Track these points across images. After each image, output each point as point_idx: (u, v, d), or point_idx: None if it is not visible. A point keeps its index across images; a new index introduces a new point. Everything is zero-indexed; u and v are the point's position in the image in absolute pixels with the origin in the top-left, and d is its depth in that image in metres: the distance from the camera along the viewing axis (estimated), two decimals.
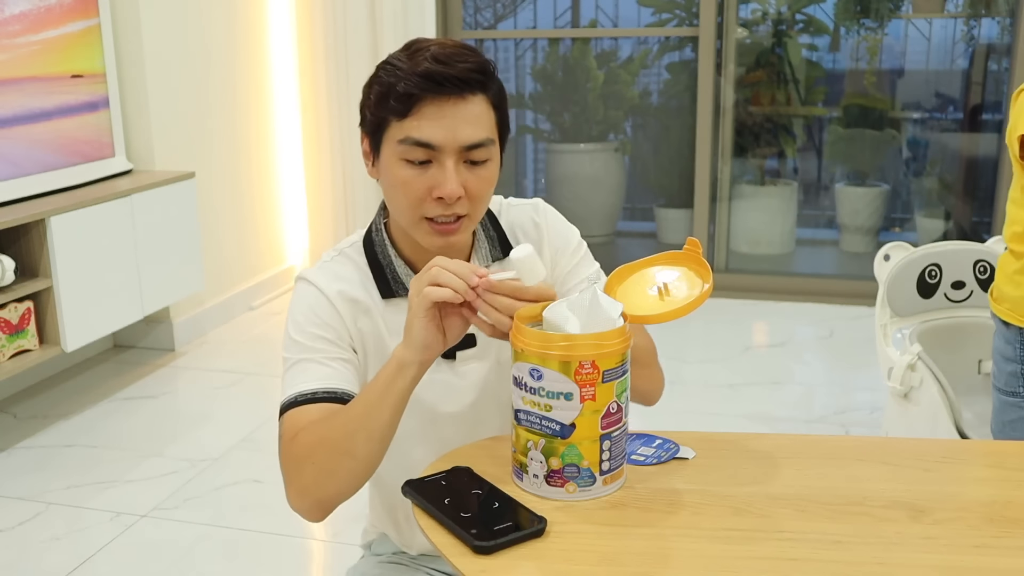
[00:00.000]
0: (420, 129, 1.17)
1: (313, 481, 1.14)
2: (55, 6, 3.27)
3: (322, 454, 1.13)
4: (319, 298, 1.26)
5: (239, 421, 3.14)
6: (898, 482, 1.14)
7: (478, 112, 1.18)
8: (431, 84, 1.15)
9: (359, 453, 1.13)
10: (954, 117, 5.00)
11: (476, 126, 1.18)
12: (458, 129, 1.17)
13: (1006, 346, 1.74)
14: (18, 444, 3.00)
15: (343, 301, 1.26)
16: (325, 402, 1.18)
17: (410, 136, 1.17)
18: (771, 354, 3.82)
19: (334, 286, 1.26)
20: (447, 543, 1.01)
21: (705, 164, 4.49)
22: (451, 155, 1.18)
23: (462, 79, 1.16)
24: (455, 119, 1.17)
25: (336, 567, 2.40)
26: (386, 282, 1.28)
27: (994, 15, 4.68)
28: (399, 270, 1.29)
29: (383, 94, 1.18)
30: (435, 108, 1.16)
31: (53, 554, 2.40)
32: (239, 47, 4.20)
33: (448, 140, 1.17)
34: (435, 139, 1.17)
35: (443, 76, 1.15)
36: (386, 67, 1.20)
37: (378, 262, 1.29)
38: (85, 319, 3.15)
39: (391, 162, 1.20)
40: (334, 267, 1.30)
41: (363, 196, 4.50)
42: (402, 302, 1.27)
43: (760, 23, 4.91)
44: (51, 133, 3.29)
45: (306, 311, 1.25)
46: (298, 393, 1.20)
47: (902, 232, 5.20)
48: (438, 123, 1.16)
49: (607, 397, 1.07)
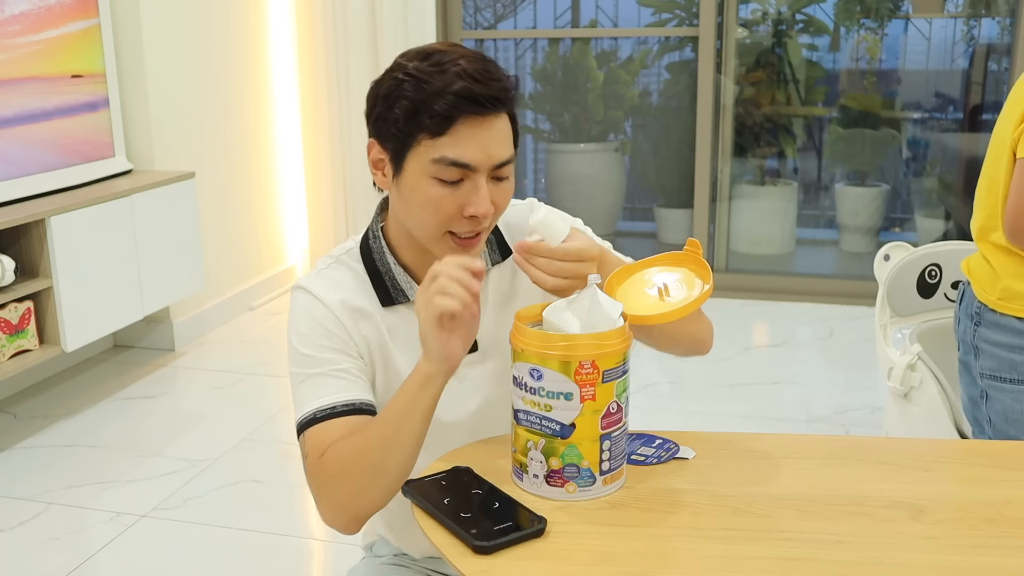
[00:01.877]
0: (457, 149, 1.14)
1: (347, 498, 1.15)
2: (55, 6, 3.27)
3: (355, 472, 1.13)
4: (320, 308, 1.23)
5: (239, 421, 3.14)
6: (898, 482, 1.14)
7: (505, 128, 1.18)
8: (469, 104, 1.13)
9: (392, 468, 1.12)
10: (954, 117, 5.00)
11: (505, 144, 1.18)
12: (491, 148, 1.16)
13: (1020, 338, 1.77)
14: (18, 444, 3.00)
15: (344, 310, 1.24)
16: (346, 415, 1.17)
17: (446, 156, 1.14)
18: (771, 354, 3.82)
19: (334, 295, 1.24)
20: (447, 543, 1.01)
21: (705, 164, 4.49)
22: (484, 174, 1.17)
23: (497, 98, 1.15)
24: (489, 138, 1.16)
25: (336, 567, 2.40)
26: (386, 290, 1.26)
27: (994, 15, 4.68)
28: (399, 278, 1.27)
29: (413, 110, 1.14)
30: (470, 128, 1.14)
31: (53, 554, 2.40)
32: (239, 47, 4.20)
33: (483, 160, 1.16)
34: (472, 159, 1.15)
35: (482, 96, 1.13)
36: (409, 79, 1.15)
37: (377, 270, 1.27)
38: (85, 319, 3.15)
39: (420, 179, 1.17)
40: (331, 275, 1.27)
41: (363, 196, 4.50)
42: (403, 309, 1.26)
43: (760, 23, 4.91)
44: (51, 133, 3.29)
45: (309, 322, 1.23)
46: (317, 409, 1.18)
47: (902, 232, 5.20)
48: (474, 143, 1.15)
49: (607, 397, 1.07)
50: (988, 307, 1.82)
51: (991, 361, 1.83)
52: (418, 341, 1.15)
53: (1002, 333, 1.80)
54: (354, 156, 4.46)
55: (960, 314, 1.93)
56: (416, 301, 1.12)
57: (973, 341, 1.87)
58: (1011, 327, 1.79)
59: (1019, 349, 1.79)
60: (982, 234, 1.85)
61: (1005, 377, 1.81)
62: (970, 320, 1.88)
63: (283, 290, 4.56)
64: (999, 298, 1.80)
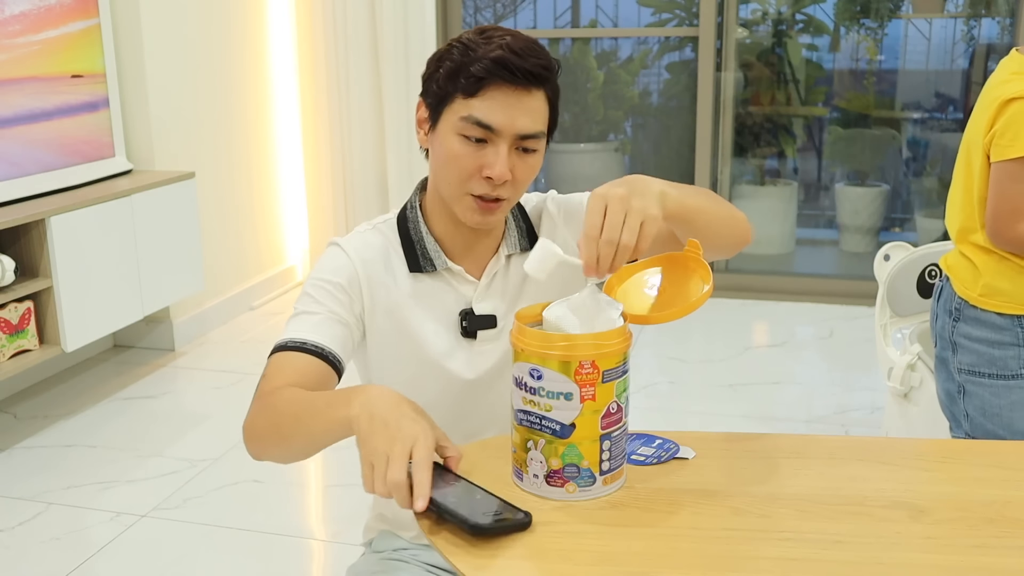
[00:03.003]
0: (484, 110, 1.23)
1: (260, 436, 1.23)
2: (55, 6, 3.27)
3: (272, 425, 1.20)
4: (346, 262, 1.32)
5: (239, 421, 3.12)
6: (898, 482, 1.14)
7: (537, 105, 1.26)
8: (503, 71, 1.21)
9: (293, 445, 1.18)
10: (954, 117, 5.00)
11: (533, 118, 1.25)
12: (517, 118, 1.24)
13: (1000, 334, 1.81)
14: (18, 444, 3.00)
15: (367, 270, 1.32)
16: (311, 355, 1.24)
17: (472, 115, 1.23)
18: (771, 354, 3.82)
19: (363, 254, 1.33)
20: (448, 542, 1.00)
21: (705, 164, 4.49)
22: (506, 140, 1.24)
23: (532, 72, 1.23)
24: (517, 108, 1.23)
25: (336, 567, 2.40)
26: (415, 257, 1.34)
27: (994, 15, 4.68)
28: (429, 247, 1.34)
29: (454, 70, 1.24)
30: (501, 94, 1.23)
31: (53, 554, 2.40)
32: (239, 47, 4.20)
33: (507, 126, 1.23)
34: (496, 122, 1.23)
35: (515, 66, 1.22)
36: (459, 45, 1.25)
37: (410, 238, 1.35)
38: (85, 319, 3.15)
39: (448, 134, 1.26)
40: (366, 237, 1.36)
41: (363, 196, 4.50)
42: (426, 277, 1.35)
43: (760, 23, 4.91)
44: (51, 133, 3.29)
45: (328, 270, 1.32)
46: (290, 339, 1.26)
47: (902, 232, 5.20)
48: (501, 108, 1.23)
49: (607, 397, 1.07)
50: (968, 303, 1.85)
51: (970, 356, 1.86)
52: (437, 306, 1.33)
53: (982, 328, 1.83)
54: (354, 156, 4.46)
55: (938, 310, 1.95)
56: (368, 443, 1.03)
57: (951, 337, 1.90)
58: (991, 323, 1.82)
59: (998, 344, 1.82)
60: (962, 235, 1.90)
61: (984, 372, 1.84)
62: (948, 316, 1.91)
63: (283, 290, 4.56)
64: (980, 294, 1.83)
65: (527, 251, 1.37)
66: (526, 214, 1.41)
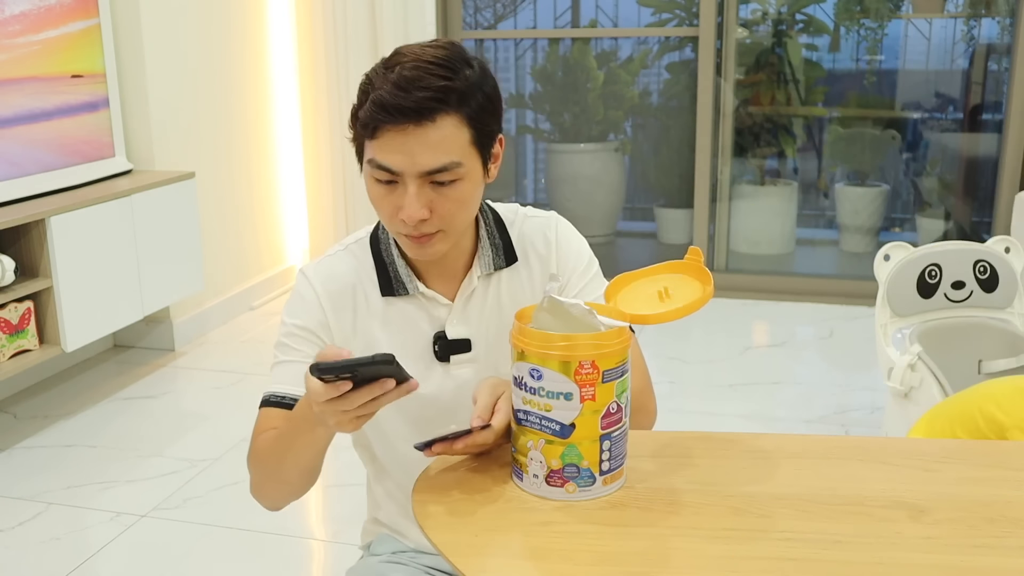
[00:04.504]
0: (382, 153, 1.18)
1: (260, 486, 1.30)
2: (55, 6, 3.27)
3: (262, 466, 1.27)
4: (312, 300, 1.32)
5: (239, 421, 3.14)
6: (898, 482, 1.14)
7: (442, 135, 1.16)
8: (384, 113, 1.15)
9: (291, 480, 1.26)
10: (954, 117, 5.00)
11: (437, 151, 1.16)
12: (416, 155, 1.16)
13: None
14: (18, 444, 3.00)
15: (333, 304, 1.31)
16: (292, 409, 1.25)
17: (375, 159, 1.19)
18: (771, 354, 3.82)
19: (329, 287, 1.32)
20: (448, 543, 1.00)
21: (705, 164, 4.49)
22: (412, 179, 1.18)
23: (417, 108, 1.14)
24: (415, 146, 1.16)
25: (336, 567, 2.40)
26: (388, 280, 1.32)
27: (994, 15, 4.68)
28: (400, 271, 1.32)
29: (355, 111, 1.21)
30: (394, 134, 1.16)
31: (53, 554, 2.40)
32: (239, 47, 4.20)
33: (407, 166, 1.17)
34: (394, 164, 1.17)
35: (396, 106, 1.14)
36: (365, 80, 1.20)
37: (382, 260, 1.33)
38: (85, 319, 3.15)
39: (366, 177, 1.23)
40: (335, 265, 1.34)
41: (362, 196, 4.50)
42: (400, 301, 1.32)
43: (760, 23, 4.91)
44: (51, 133, 3.29)
45: (294, 311, 1.32)
46: (271, 393, 1.30)
47: (902, 232, 5.20)
48: (397, 149, 1.16)
49: (607, 397, 1.07)
50: None
51: None
52: (408, 331, 1.31)
53: None
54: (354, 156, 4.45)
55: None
56: (322, 421, 1.10)
57: None
58: None
59: None
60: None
61: None
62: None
63: (283, 290, 4.56)
64: None
65: (503, 269, 1.35)
66: (506, 231, 1.36)
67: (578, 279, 1.37)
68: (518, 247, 1.36)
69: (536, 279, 1.37)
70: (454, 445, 1.12)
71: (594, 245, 1.44)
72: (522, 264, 1.37)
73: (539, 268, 1.37)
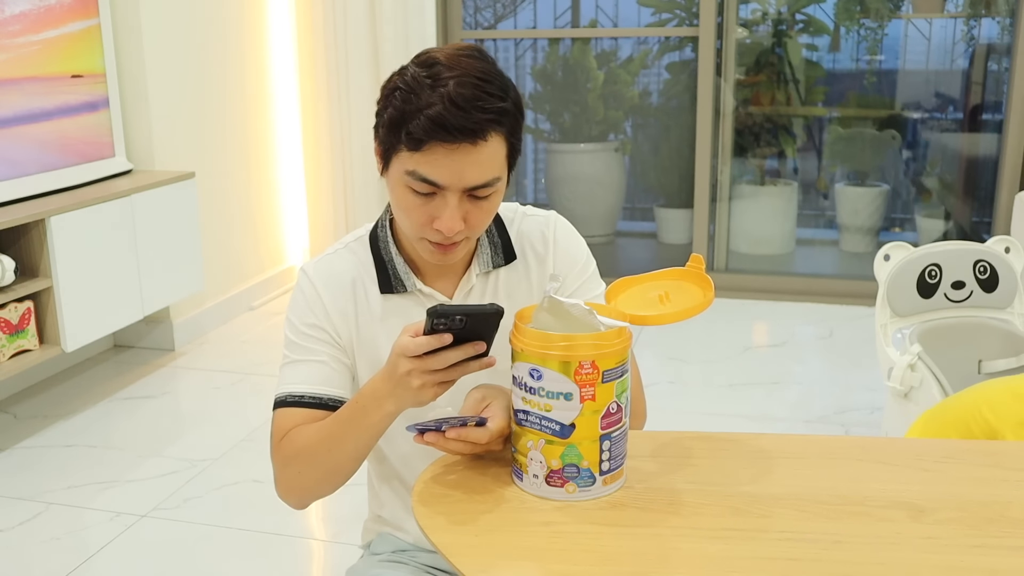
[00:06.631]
0: (427, 167, 1.16)
1: (297, 482, 1.27)
2: (55, 6, 3.27)
3: (304, 462, 1.24)
4: (314, 297, 1.32)
5: (239, 421, 3.14)
6: (898, 482, 1.14)
7: (490, 153, 1.17)
8: (441, 131, 1.13)
9: (334, 466, 1.23)
10: (954, 117, 5.00)
11: (484, 168, 1.17)
12: (464, 172, 1.16)
13: None
14: (18, 444, 3.00)
15: (335, 302, 1.32)
16: (311, 408, 1.27)
17: (417, 171, 1.16)
18: (771, 354, 3.82)
19: (329, 284, 1.32)
20: (448, 543, 1.00)
21: (705, 164, 4.49)
22: (455, 194, 1.18)
23: (476, 128, 1.13)
24: (464, 163, 1.15)
25: (336, 567, 2.40)
26: (387, 278, 1.32)
27: (994, 15, 4.68)
28: (399, 268, 1.32)
29: (396, 120, 1.16)
30: (446, 150, 1.14)
31: (53, 554, 2.40)
32: (239, 47, 4.20)
33: (454, 182, 1.17)
34: (441, 179, 1.16)
35: (456, 126, 1.12)
36: (403, 88, 1.16)
37: (381, 258, 1.33)
38: (85, 319, 3.15)
39: (397, 185, 1.21)
40: (335, 264, 1.35)
41: (363, 196, 4.50)
42: (398, 299, 1.33)
43: (760, 23, 4.91)
44: (51, 133, 3.29)
45: (299, 310, 1.32)
46: (288, 394, 1.29)
47: (902, 232, 5.20)
48: (446, 165, 1.15)
49: (607, 397, 1.07)
50: None
51: None
52: None
53: None
54: (354, 156, 4.46)
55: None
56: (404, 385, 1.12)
57: None
58: None
59: None
60: None
61: None
62: None
63: (283, 290, 4.56)
64: None
65: (501, 267, 1.35)
66: (504, 230, 1.37)
67: (575, 278, 1.37)
68: (517, 245, 1.37)
69: (534, 277, 1.37)
70: (446, 436, 1.12)
71: (594, 245, 1.44)
72: (520, 262, 1.37)
73: (537, 266, 1.37)
